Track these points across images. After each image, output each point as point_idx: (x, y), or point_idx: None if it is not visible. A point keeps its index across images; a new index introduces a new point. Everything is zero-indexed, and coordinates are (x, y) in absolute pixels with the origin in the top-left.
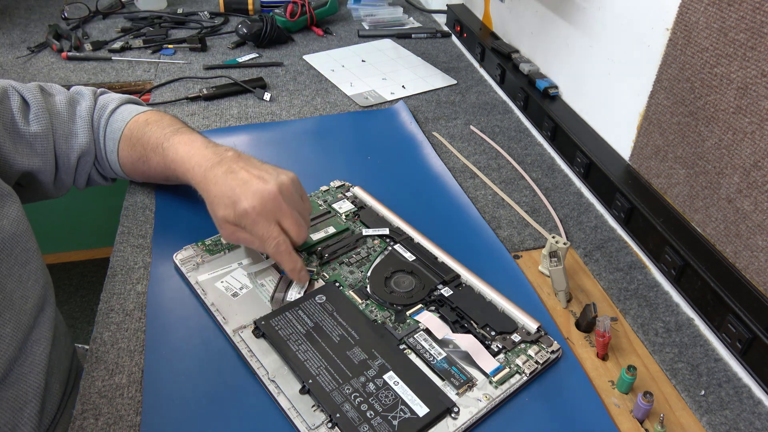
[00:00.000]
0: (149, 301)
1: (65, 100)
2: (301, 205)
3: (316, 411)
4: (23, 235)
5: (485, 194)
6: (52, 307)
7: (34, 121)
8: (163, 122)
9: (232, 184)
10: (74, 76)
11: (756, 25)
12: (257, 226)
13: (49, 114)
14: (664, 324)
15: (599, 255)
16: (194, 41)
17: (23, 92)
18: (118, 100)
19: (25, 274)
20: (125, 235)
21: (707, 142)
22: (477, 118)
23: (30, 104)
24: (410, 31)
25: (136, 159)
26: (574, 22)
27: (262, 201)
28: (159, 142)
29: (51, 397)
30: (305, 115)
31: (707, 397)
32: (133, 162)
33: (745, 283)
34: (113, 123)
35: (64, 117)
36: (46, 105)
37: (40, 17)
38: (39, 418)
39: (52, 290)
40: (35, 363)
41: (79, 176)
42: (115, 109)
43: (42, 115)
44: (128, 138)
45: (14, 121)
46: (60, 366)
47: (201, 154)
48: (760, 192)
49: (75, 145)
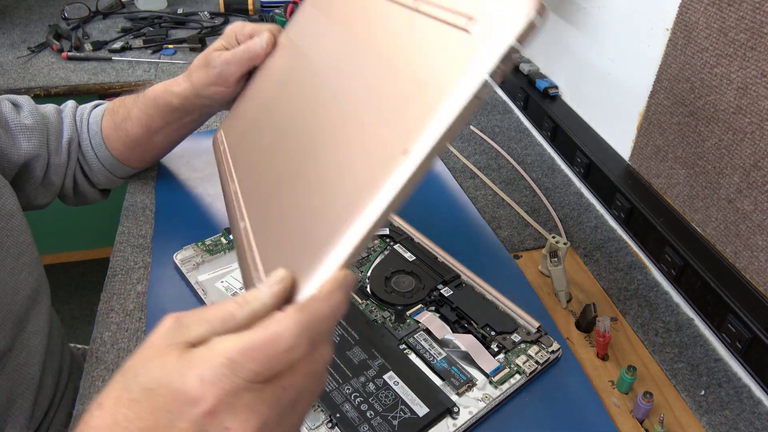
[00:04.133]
0: (149, 301)
1: (53, 106)
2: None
3: (316, 411)
4: (16, 228)
5: (485, 194)
6: (47, 301)
7: (28, 117)
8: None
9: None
10: (74, 76)
11: (756, 25)
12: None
13: (39, 112)
14: (664, 324)
15: (599, 255)
16: (194, 41)
17: (12, 98)
18: (100, 102)
19: (18, 267)
20: (125, 235)
21: (707, 142)
22: (477, 118)
23: (22, 105)
24: None
25: (120, 120)
26: (574, 22)
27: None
28: (138, 94)
29: (44, 390)
30: None
31: (707, 397)
32: (116, 125)
33: (745, 283)
34: (97, 111)
35: (53, 117)
36: (37, 107)
37: (40, 17)
38: (32, 410)
39: (47, 284)
40: (32, 354)
41: (68, 178)
42: (99, 104)
43: (34, 112)
44: (110, 110)
45: (7, 119)
46: (53, 360)
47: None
48: (760, 192)
49: (62, 141)
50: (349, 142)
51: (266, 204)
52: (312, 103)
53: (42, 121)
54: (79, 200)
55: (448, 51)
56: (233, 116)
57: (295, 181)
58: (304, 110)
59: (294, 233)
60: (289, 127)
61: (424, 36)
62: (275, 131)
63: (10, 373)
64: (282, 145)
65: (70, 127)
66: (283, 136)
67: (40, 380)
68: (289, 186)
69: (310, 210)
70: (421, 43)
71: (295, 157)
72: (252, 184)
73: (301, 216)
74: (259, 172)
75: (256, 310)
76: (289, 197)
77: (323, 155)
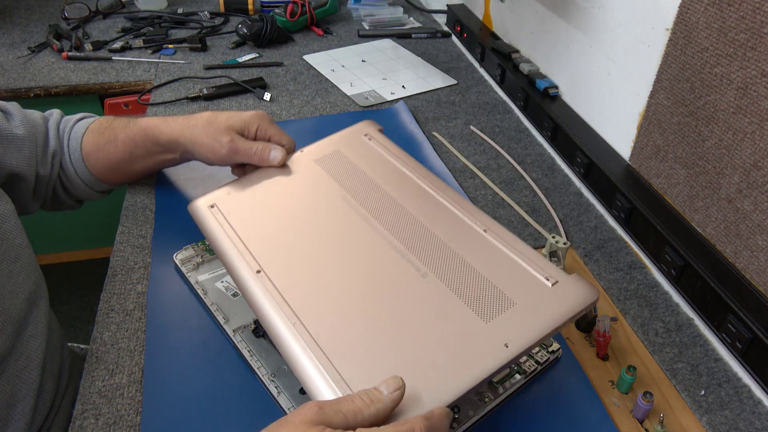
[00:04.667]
0: (149, 301)
1: (39, 114)
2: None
3: None
4: (12, 231)
5: (485, 194)
6: (46, 304)
7: (19, 126)
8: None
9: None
10: (74, 76)
11: (756, 25)
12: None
13: (29, 122)
14: (664, 324)
15: (599, 255)
16: (194, 41)
17: (1, 105)
18: (85, 115)
19: (16, 270)
20: (125, 235)
21: (707, 142)
22: (477, 118)
23: (12, 113)
24: (410, 31)
25: (103, 142)
26: (574, 22)
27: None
28: (129, 120)
29: (44, 393)
30: (305, 115)
31: (707, 397)
32: (99, 146)
33: (745, 283)
34: (78, 127)
35: (41, 127)
36: (26, 115)
37: (40, 17)
38: (32, 414)
39: (45, 286)
40: (31, 358)
41: (50, 187)
42: (81, 119)
43: (25, 121)
44: (95, 129)
45: (0, 127)
46: (53, 362)
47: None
48: (760, 192)
49: (48, 152)
50: (458, 326)
51: (350, 320)
52: (398, 266)
53: (32, 132)
54: (55, 207)
55: (538, 291)
56: (238, 201)
57: (406, 323)
58: (387, 264)
59: (406, 358)
60: (373, 269)
61: (517, 269)
62: (336, 257)
63: (10, 377)
64: (359, 281)
65: (54, 138)
66: (354, 270)
67: (40, 384)
68: (399, 324)
69: (429, 350)
70: (515, 272)
71: (398, 301)
72: (305, 290)
73: (420, 350)
74: (319, 286)
75: (379, 410)
76: (400, 333)
77: (436, 322)
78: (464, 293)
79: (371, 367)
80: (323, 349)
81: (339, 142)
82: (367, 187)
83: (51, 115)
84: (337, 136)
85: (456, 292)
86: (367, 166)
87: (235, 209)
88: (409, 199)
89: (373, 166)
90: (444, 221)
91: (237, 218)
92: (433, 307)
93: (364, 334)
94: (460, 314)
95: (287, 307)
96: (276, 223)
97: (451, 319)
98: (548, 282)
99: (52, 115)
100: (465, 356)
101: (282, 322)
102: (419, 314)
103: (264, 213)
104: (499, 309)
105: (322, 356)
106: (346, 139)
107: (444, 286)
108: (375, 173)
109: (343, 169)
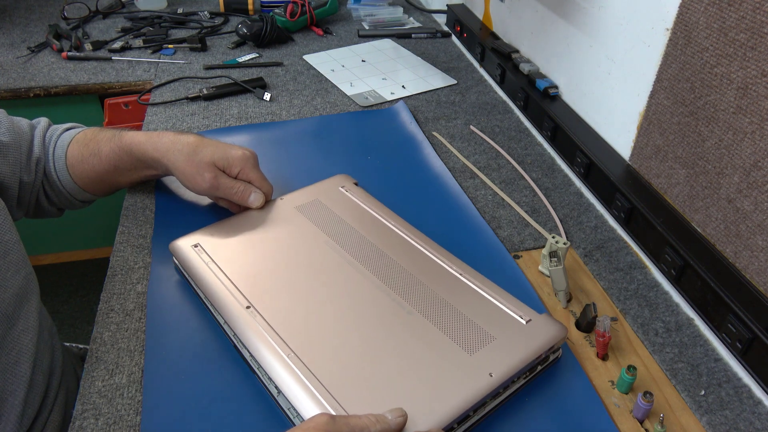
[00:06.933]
0: (149, 301)
1: (26, 122)
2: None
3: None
4: (1, 227)
5: (485, 194)
6: (37, 299)
7: (5, 134)
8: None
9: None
10: (74, 76)
11: (756, 25)
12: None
13: (15, 129)
14: (664, 324)
15: (599, 255)
16: (194, 41)
17: None
18: (73, 125)
19: (5, 265)
20: (125, 235)
21: (707, 142)
22: (477, 118)
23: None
24: (410, 31)
25: (87, 155)
26: (574, 22)
27: None
28: (114, 133)
29: (35, 387)
30: (305, 115)
31: (707, 397)
32: (83, 158)
33: (745, 283)
34: (65, 137)
35: (27, 134)
36: (13, 122)
37: (40, 17)
38: (23, 407)
39: (36, 282)
40: (22, 353)
41: (33, 195)
42: (69, 129)
43: (11, 128)
44: (80, 140)
45: None
46: (44, 358)
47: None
48: (760, 192)
49: (32, 159)
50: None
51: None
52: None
53: (17, 139)
54: (37, 215)
55: (514, 327)
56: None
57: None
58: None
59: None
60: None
61: (494, 309)
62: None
63: (1, 371)
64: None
65: (39, 146)
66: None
67: (30, 378)
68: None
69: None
70: (492, 311)
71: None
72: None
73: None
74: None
75: (385, 430)
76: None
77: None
78: (448, 329)
79: (367, 395)
80: (319, 379)
81: (317, 192)
82: (347, 233)
83: (38, 123)
84: (313, 187)
85: (440, 328)
86: (346, 215)
87: (220, 249)
88: (389, 245)
89: (353, 215)
90: (425, 266)
91: (222, 257)
92: (421, 341)
93: (357, 364)
94: (446, 347)
95: (280, 340)
96: (262, 263)
97: (439, 351)
98: (522, 320)
99: (40, 122)
100: (454, 384)
101: (276, 354)
102: (409, 347)
103: (249, 253)
104: (481, 343)
105: (319, 385)
106: (323, 189)
107: (429, 323)
108: (354, 221)
109: (323, 216)
